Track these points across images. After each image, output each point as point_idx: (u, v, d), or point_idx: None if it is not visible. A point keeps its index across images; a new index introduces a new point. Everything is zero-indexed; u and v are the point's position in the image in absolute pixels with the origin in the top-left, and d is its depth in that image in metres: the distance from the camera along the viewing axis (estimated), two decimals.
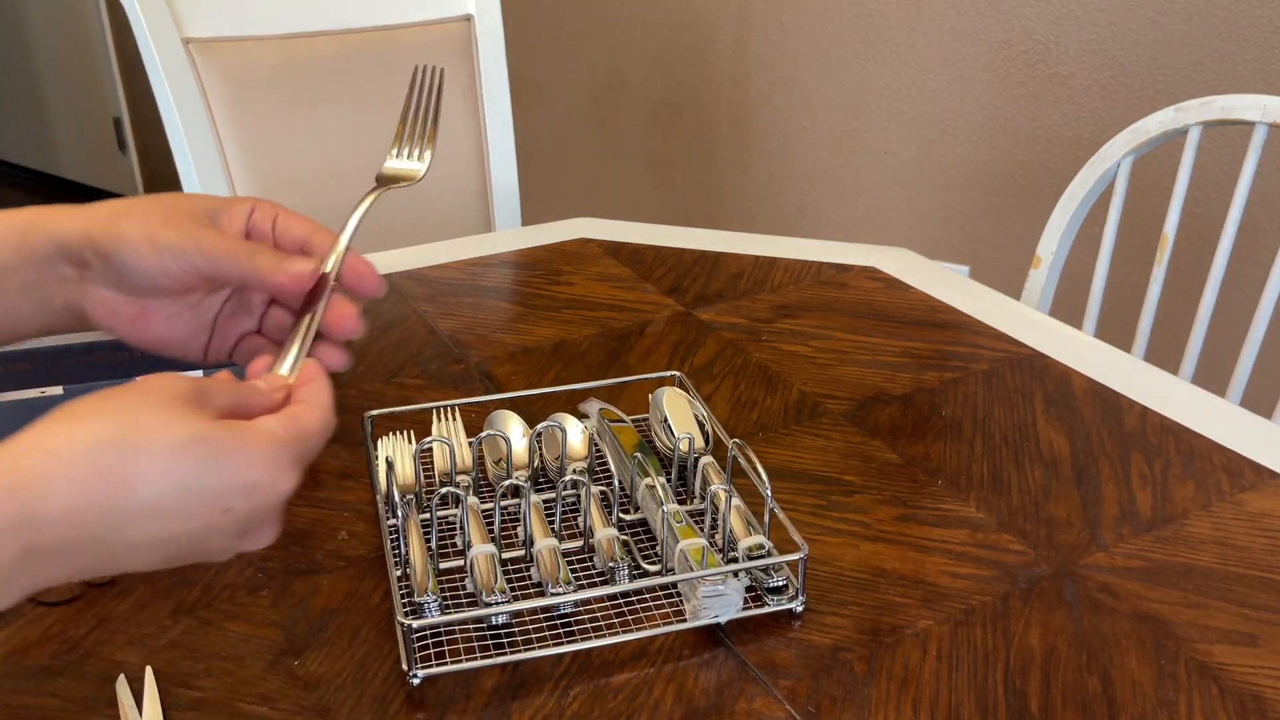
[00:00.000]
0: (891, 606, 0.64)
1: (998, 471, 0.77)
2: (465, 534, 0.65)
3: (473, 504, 0.67)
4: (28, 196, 3.61)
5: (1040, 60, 2.00)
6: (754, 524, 0.66)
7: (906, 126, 2.19)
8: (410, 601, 0.61)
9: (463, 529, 0.66)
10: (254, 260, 0.51)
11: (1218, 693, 0.58)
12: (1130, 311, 1.36)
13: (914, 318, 0.99)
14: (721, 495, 0.67)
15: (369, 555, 0.68)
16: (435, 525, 0.65)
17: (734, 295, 1.04)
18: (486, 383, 0.88)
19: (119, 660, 0.60)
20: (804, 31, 2.24)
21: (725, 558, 0.65)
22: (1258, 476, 0.76)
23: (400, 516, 0.66)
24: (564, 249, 1.15)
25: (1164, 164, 1.77)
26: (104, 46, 3.21)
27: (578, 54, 2.56)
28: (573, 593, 0.61)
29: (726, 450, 0.70)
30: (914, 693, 0.58)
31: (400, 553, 0.65)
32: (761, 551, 0.64)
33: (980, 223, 2.18)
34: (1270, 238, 1.79)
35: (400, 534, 0.65)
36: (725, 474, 0.70)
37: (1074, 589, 0.65)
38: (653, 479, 0.70)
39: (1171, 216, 1.24)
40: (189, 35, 1.27)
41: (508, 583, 0.63)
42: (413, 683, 0.57)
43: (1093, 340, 0.96)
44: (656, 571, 0.65)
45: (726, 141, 2.44)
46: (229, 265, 0.51)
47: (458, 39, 1.41)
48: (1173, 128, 1.22)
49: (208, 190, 1.29)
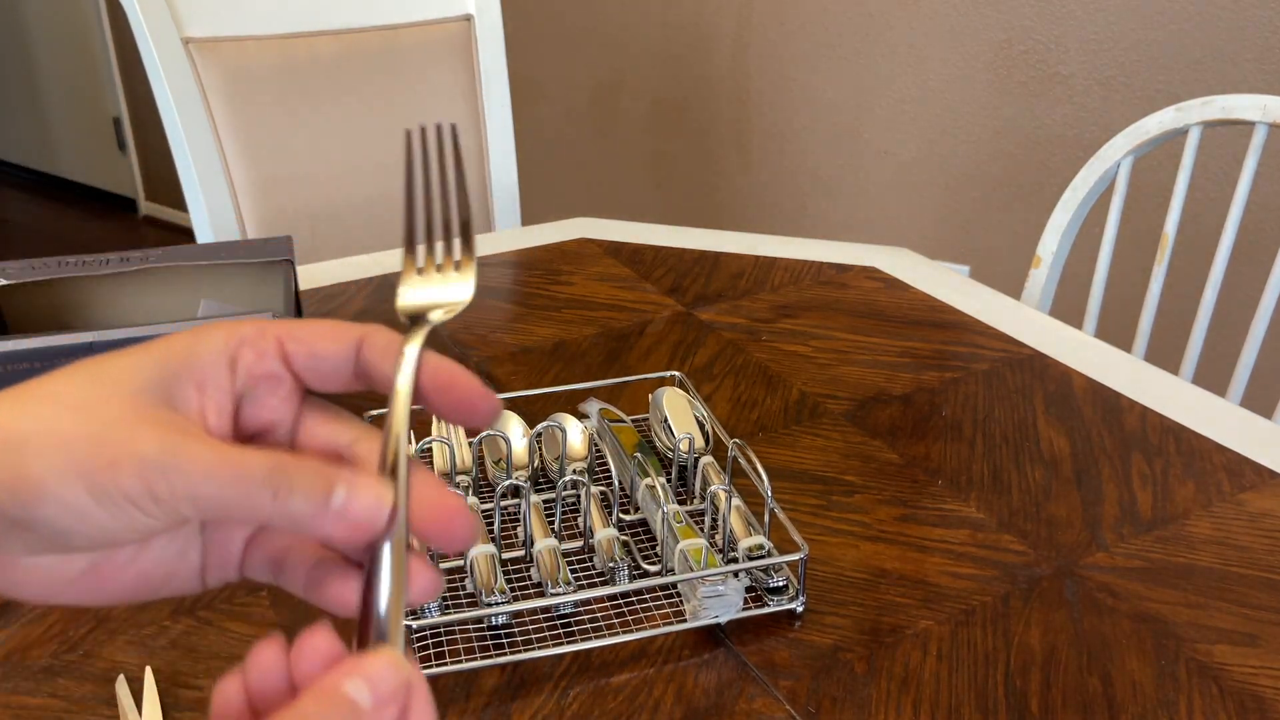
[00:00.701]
0: (892, 606, 0.64)
1: (998, 471, 0.77)
2: None
3: (472, 504, 0.67)
4: (28, 196, 3.61)
5: (1040, 60, 2.00)
6: (754, 524, 0.66)
7: (906, 126, 2.19)
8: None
9: None
10: (288, 500, 0.31)
11: (1218, 693, 0.58)
12: (1130, 311, 1.36)
13: (914, 318, 0.99)
14: (721, 495, 0.67)
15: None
16: None
17: (734, 295, 1.04)
18: (486, 383, 0.88)
19: (119, 660, 0.59)
20: (804, 31, 2.24)
21: (725, 558, 0.65)
22: (1258, 476, 0.76)
23: None
24: (564, 249, 1.15)
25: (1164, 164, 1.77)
26: (104, 46, 3.22)
27: (578, 54, 2.56)
28: (573, 593, 0.61)
29: (726, 450, 0.70)
30: (914, 693, 0.58)
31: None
32: (761, 552, 0.63)
33: (980, 223, 2.17)
34: (1270, 238, 1.79)
35: None
36: (725, 474, 0.70)
37: (1074, 589, 0.65)
38: (653, 479, 0.70)
39: (1171, 216, 1.24)
40: (189, 35, 1.27)
41: (508, 583, 0.63)
42: None
43: (1093, 340, 0.96)
44: (656, 572, 0.65)
45: (726, 141, 2.44)
46: (240, 506, 0.31)
47: (458, 39, 1.41)
48: (1173, 128, 1.22)
49: (208, 192, 1.29)
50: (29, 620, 0.62)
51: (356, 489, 0.31)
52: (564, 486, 0.69)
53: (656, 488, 0.69)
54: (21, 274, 0.82)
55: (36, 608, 0.63)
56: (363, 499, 0.31)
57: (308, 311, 1.00)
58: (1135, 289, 1.38)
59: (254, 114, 1.31)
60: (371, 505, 0.31)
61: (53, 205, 3.56)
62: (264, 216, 1.33)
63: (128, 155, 3.36)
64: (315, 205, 1.36)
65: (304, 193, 1.35)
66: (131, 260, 0.85)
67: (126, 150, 3.36)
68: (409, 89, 1.39)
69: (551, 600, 0.61)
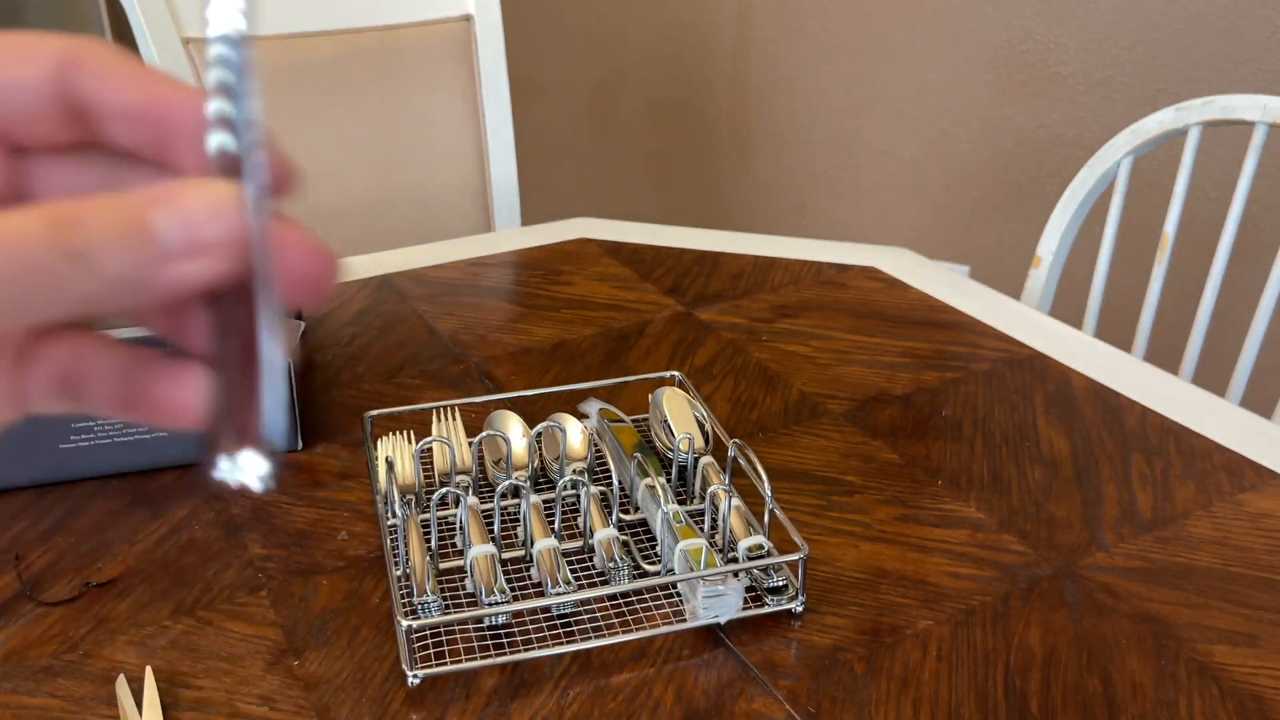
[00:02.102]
0: (891, 607, 0.64)
1: (998, 471, 0.77)
2: (465, 534, 0.65)
3: (472, 504, 0.67)
4: None
5: (1040, 60, 2.00)
6: (754, 524, 0.66)
7: (906, 126, 2.19)
8: (410, 601, 0.61)
9: (463, 529, 0.66)
10: (96, 261, 0.21)
11: (1218, 693, 0.58)
12: (1130, 311, 1.36)
13: (914, 318, 0.99)
14: (721, 495, 0.67)
15: (369, 555, 0.68)
16: (435, 525, 0.65)
17: (734, 295, 1.04)
18: (486, 383, 0.88)
19: (119, 660, 0.59)
20: (804, 31, 2.24)
21: (725, 558, 0.65)
22: (1258, 476, 0.76)
23: (400, 517, 0.66)
24: (564, 249, 1.15)
25: (1164, 164, 1.77)
26: None
27: (577, 54, 2.56)
28: (572, 593, 0.61)
29: (726, 451, 0.70)
30: (914, 693, 0.58)
31: (400, 553, 0.65)
32: (761, 552, 0.63)
33: (980, 223, 2.17)
34: (1270, 238, 1.79)
35: (400, 534, 0.65)
36: (725, 474, 0.70)
37: (1074, 589, 0.65)
38: (652, 479, 0.70)
39: (1171, 216, 1.24)
40: (189, 35, 1.27)
41: (507, 583, 0.63)
42: (412, 683, 0.57)
43: (1093, 340, 0.96)
44: (656, 572, 0.65)
45: (726, 141, 2.44)
46: (24, 301, 0.21)
47: (458, 39, 1.41)
48: (1173, 128, 1.22)
49: None
50: (29, 620, 0.62)
51: (181, 198, 0.21)
52: (564, 487, 0.69)
53: (656, 488, 0.69)
54: None
55: (37, 608, 0.63)
56: (198, 206, 0.21)
57: (307, 312, 1.00)
58: (1135, 289, 1.38)
59: None
60: (216, 207, 0.22)
61: None
62: None
63: None
64: (315, 205, 1.36)
65: (304, 192, 1.35)
66: None
67: None
68: (409, 89, 1.39)
69: (551, 600, 0.61)
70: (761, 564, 0.63)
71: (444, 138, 1.42)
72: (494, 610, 0.60)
